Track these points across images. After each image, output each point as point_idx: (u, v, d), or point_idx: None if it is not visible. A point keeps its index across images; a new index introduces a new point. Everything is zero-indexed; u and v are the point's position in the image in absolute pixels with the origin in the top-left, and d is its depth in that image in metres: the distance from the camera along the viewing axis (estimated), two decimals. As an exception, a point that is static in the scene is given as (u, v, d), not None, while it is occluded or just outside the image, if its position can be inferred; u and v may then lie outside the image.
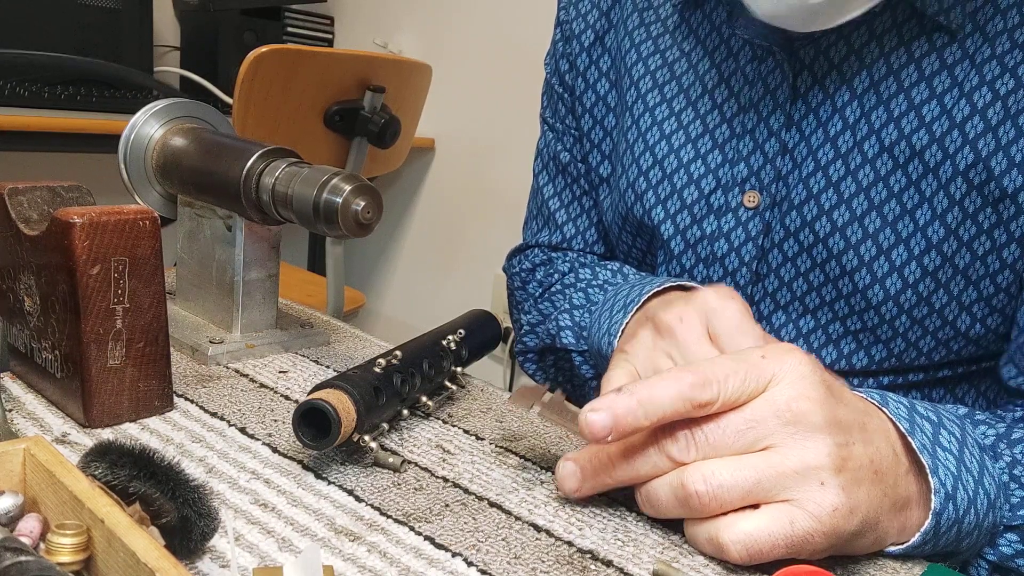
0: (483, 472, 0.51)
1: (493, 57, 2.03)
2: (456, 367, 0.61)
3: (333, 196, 0.56)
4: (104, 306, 0.49)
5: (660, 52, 0.70)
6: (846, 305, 0.62)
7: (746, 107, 0.64)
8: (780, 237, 0.64)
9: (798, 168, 0.62)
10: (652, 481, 0.43)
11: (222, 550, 0.39)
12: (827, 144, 0.61)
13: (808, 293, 0.63)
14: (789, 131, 0.63)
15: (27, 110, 1.44)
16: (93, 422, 0.50)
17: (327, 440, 0.46)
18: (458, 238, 2.16)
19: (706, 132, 0.66)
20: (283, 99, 1.37)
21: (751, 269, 0.65)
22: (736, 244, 0.65)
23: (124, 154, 0.68)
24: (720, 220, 0.65)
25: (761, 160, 0.64)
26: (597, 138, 0.76)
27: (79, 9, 1.78)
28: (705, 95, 0.67)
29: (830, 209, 0.61)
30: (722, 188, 0.65)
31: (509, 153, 2.00)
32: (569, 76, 0.77)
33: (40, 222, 0.52)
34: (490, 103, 2.04)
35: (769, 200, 0.63)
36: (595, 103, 0.75)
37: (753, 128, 0.64)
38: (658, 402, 0.40)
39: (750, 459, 0.40)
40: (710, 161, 0.66)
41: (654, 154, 0.68)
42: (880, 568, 0.45)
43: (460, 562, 0.41)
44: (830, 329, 0.63)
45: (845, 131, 0.61)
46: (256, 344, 0.65)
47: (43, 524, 0.34)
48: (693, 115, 0.67)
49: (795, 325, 0.64)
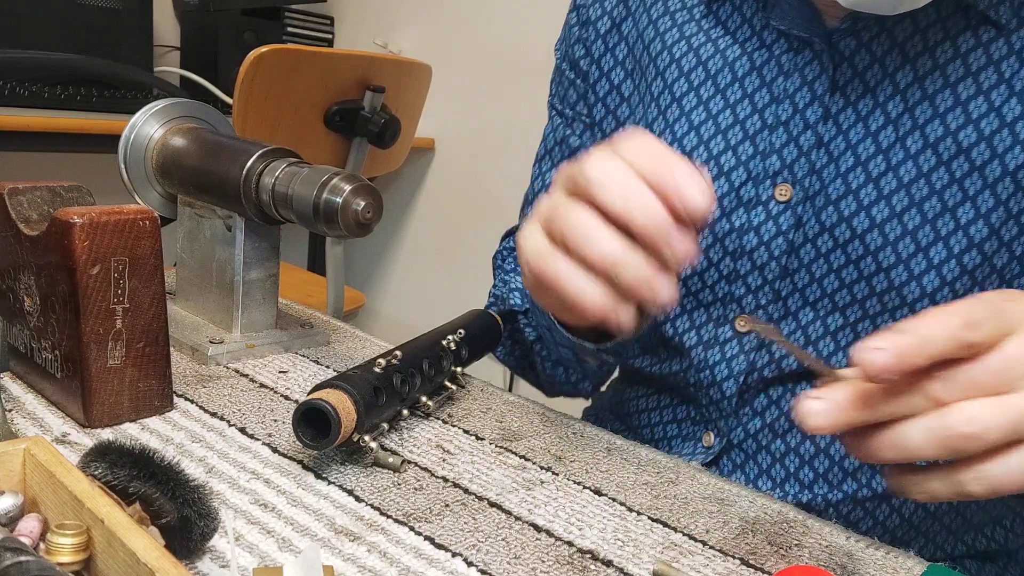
0: (483, 472, 0.51)
1: (493, 57, 2.03)
2: (456, 367, 0.61)
3: (333, 196, 0.56)
4: (104, 306, 0.49)
5: (686, 39, 0.68)
6: (878, 303, 0.61)
7: (780, 98, 0.63)
8: (814, 232, 0.62)
9: (834, 162, 0.61)
10: (904, 423, 0.41)
11: (222, 550, 0.39)
12: (868, 139, 0.60)
13: (839, 290, 0.62)
14: (825, 124, 0.61)
15: (27, 110, 1.44)
16: (93, 422, 0.50)
17: (327, 440, 0.46)
18: (458, 238, 2.16)
19: (736, 122, 0.65)
20: (283, 99, 1.37)
21: (780, 264, 0.64)
22: (766, 238, 0.64)
23: (124, 154, 0.68)
24: (750, 213, 0.64)
25: (795, 153, 0.62)
26: (609, 128, 0.74)
27: (79, 9, 1.78)
28: (735, 83, 0.65)
29: (869, 205, 0.60)
30: (752, 180, 0.64)
31: (509, 153, 2.00)
32: (584, 62, 0.75)
33: (40, 222, 0.52)
34: (490, 103, 2.04)
35: (802, 194, 0.62)
36: (608, 92, 0.74)
37: (788, 120, 0.63)
38: (934, 341, 0.39)
39: (1010, 399, 0.40)
40: (740, 153, 0.64)
41: (682, 145, 0.67)
42: (880, 568, 0.45)
43: (460, 562, 0.41)
44: (859, 328, 0.63)
45: (887, 126, 0.60)
46: (256, 344, 0.65)
47: (43, 524, 0.34)
48: (723, 104, 0.66)
49: (823, 322, 0.64)
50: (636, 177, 0.44)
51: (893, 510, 0.65)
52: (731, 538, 0.47)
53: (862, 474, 0.64)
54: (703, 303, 0.67)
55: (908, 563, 0.46)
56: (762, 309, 0.64)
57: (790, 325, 0.64)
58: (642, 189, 0.43)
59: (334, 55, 1.55)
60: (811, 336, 0.64)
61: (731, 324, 0.66)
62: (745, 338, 0.65)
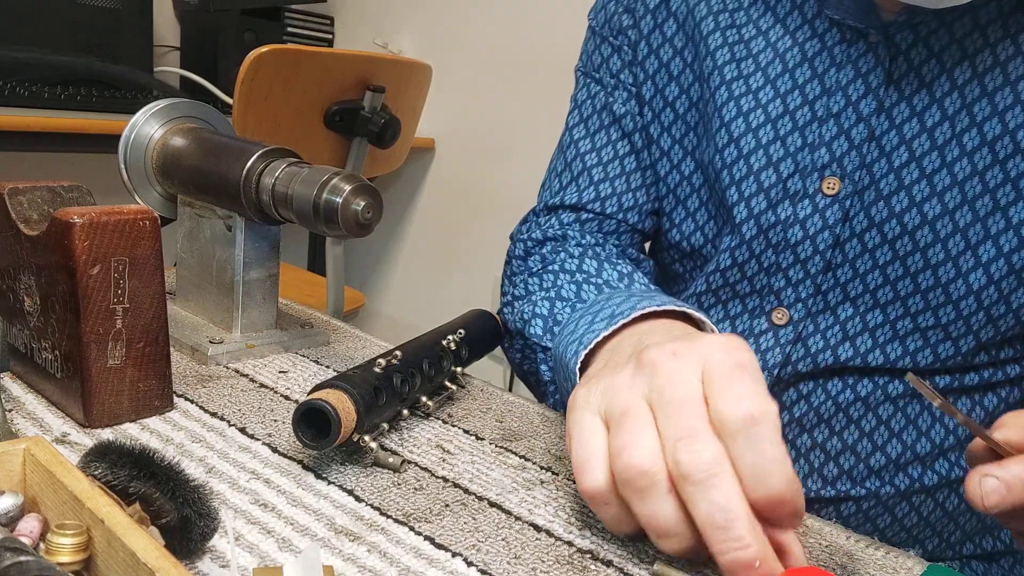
0: (483, 472, 0.51)
1: (493, 57, 2.03)
2: (456, 367, 0.61)
3: (333, 196, 0.56)
4: (104, 306, 0.49)
5: (736, 27, 0.67)
6: (922, 300, 0.61)
7: (832, 89, 0.62)
8: (862, 227, 0.62)
9: (886, 157, 0.60)
10: None
11: (222, 550, 0.39)
12: (924, 135, 0.59)
13: (882, 287, 0.62)
14: (879, 118, 0.60)
15: (27, 110, 1.44)
16: (93, 422, 0.50)
17: (327, 440, 0.46)
18: (458, 238, 2.16)
19: (786, 112, 0.63)
20: (283, 99, 1.37)
21: (824, 258, 0.63)
22: (812, 232, 0.63)
23: (124, 154, 0.68)
24: (796, 206, 0.63)
25: (846, 146, 0.61)
26: (657, 108, 0.71)
27: (79, 9, 1.78)
28: (786, 74, 0.64)
29: (922, 201, 0.60)
30: (800, 173, 0.63)
31: (509, 153, 2.00)
32: (632, 32, 0.72)
33: (40, 222, 0.52)
34: (490, 103, 2.04)
35: (851, 188, 0.61)
36: (657, 70, 0.71)
37: (839, 112, 0.61)
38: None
39: None
40: (789, 144, 0.63)
41: (730, 131, 0.65)
42: (880, 568, 0.45)
43: (460, 562, 0.41)
44: (899, 325, 0.62)
45: (943, 122, 0.59)
46: (256, 344, 0.65)
47: (43, 524, 0.34)
48: (772, 93, 0.64)
49: (862, 319, 0.63)
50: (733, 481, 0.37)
51: (912, 508, 0.65)
52: (731, 538, 0.46)
53: (886, 472, 0.64)
54: (739, 294, 0.66)
55: (908, 563, 0.46)
56: (801, 303, 0.64)
57: (827, 320, 0.63)
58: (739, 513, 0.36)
59: (334, 55, 1.55)
60: (848, 332, 0.63)
61: (767, 316, 0.65)
62: (781, 331, 0.64)
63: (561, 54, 1.88)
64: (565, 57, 1.85)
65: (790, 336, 0.64)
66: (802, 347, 0.64)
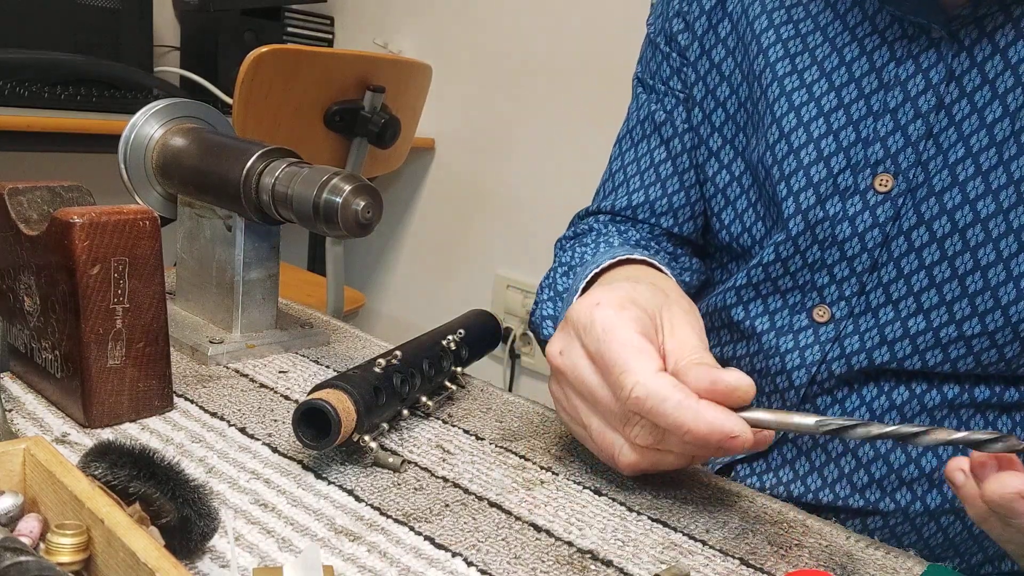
0: (483, 472, 0.51)
1: (493, 57, 2.02)
2: (456, 367, 0.61)
3: (333, 196, 0.56)
4: (104, 306, 0.49)
5: (793, 22, 0.65)
6: (969, 305, 0.59)
7: (890, 85, 0.60)
8: (911, 224, 0.60)
9: (943, 154, 0.59)
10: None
11: (222, 550, 0.39)
12: (983, 130, 0.57)
13: (927, 289, 0.60)
14: (938, 114, 0.59)
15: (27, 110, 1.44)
16: (93, 422, 0.50)
17: (327, 440, 0.46)
18: (458, 238, 2.16)
19: (840, 106, 0.62)
20: (283, 99, 1.37)
21: (872, 256, 0.61)
22: (860, 229, 0.61)
23: (124, 154, 0.68)
24: (846, 202, 0.61)
25: (902, 142, 0.60)
26: (709, 108, 0.71)
27: (79, 9, 1.78)
28: (842, 67, 0.62)
29: (975, 199, 0.58)
30: (851, 168, 0.61)
31: (509, 153, 2.00)
32: (683, 37, 0.72)
33: (40, 222, 0.52)
34: (490, 103, 2.04)
35: (904, 185, 0.60)
36: (709, 71, 0.70)
37: (896, 108, 0.60)
38: None
39: None
40: (842, 139, 0.62)
41: (780, 126, 0.64)
42: (880, 568, 0.45)
43: (460, 562, 0.41)
44: (942, 333, 0.60)
45: (1004, 118, 0.57)
46: (256, 344, 0.65)
47: (43, 524, 0.34)
48: (827, 86, 0.63)
49: (903, 324, 0.61)
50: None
51: (940, 528, 0.63)
52: (731, 538, 0.47)
53: (918, 485, 0.62)
54: (780, 289, 0.65)
55: (908, 563, 0.46)
56: (844, 301, 0.62)
57: (868, 322, 0.62)
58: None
59: (334, 55, 1.55)
60: (887, 336, 0.61)
61: (808, 312, 0.64)
62: (822, 328, 0.63)
63: (561, 54, 1.88)
64: (565, 57, 1.85)
65: (831, 334, 0.63)
66: (839, 347, 0.63)
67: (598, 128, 1.71)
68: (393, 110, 1.54)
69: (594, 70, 1.78)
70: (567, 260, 0.71)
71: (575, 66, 1.81)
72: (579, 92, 1.81)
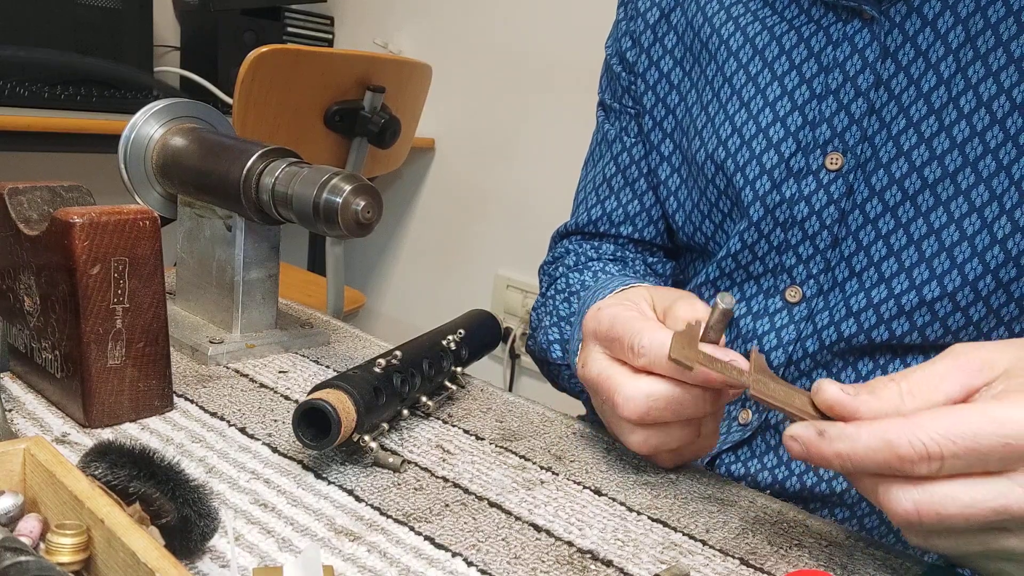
0: (483, 472, 0.51)
1: (493, 57, 2.03)
2: (456, 367, 0.61)
3: (333, 196, 0.56)
4: (104, 306, 0.49)
5: (734, 21, 0.69)
6: (927, 269, 0.61)
7: (829, 67, 0.63)
8: (863, 197, 0.62)
9: (886, 127, 0.61)
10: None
11: (222, 550, 0.39)
12: (920, 100, 0.60)
13: (886, 258, 0.62)
14: (877, 91, 0.61)
15: (27, 110, 1.44)
16: (93, 422, 0.50)
17: (327, 440, 0.46)
18: (458, 238, 2.16)
19: (784, 94, 0.65)
20: (283, 99, 1.37)
21: (832, 233, 0.64)
22: (817, 207, 0.64)
23: (124, 154, 0.68)
24: (800, 183, 0.64)
25: (846, 121, 0.62)
26: (659, 116, 0.74)
27: (79, 9, 1.78)
28: (782, 55, 0.66)
29: (921, 166, 0.60)
30: (802, 151, 0.64)
31: (509, 153, 2.00)
32: (631, 53, 0.76)
33: (40, 222, 0.52)
34: (490, 103, 2.04)
35: (853, 162, 0.62)
36: (658, 80, 0.74)
37: (838, 88, 0.63)
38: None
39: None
40: (789, 124, 0.65)
41: (733, 123, 0.67)
42: (880, 568, 0.45)
43: (460, 562, 0.41)
44: (903, 300, 0.62)
45: (939, 86, 0.60)
46: (256, 344, 0.65)
47: (43, 524, 0.34)
48: (770, 77, 0.66)
49: (867, 295, 0.63)
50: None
51: None
52: (731, 538, 0.47)
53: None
54: (753, 275, 0.67)
55: (908, 563, 0.46)
56: (813, 279, 0.65)
57: (836, 297, 0.64)
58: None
59: (334, 55, 1.55)
60: (852, 308, 0.63)
61: (781, 295, 0.66)
62: (795, 308, 0.65)
63: (561, 54, 1.88)
64: (565, 57, 1.85)
65: (803, 313, 0.65)
66: (811, 324, 0.65)
67: (598, 128, 1.71)
68: (393, 110, 1.54)
69: (594, 70, 1.78)
70: (564, 287, 0.75)
71: (575, 66, 1.81)
72: (579, 92, 1.81)
